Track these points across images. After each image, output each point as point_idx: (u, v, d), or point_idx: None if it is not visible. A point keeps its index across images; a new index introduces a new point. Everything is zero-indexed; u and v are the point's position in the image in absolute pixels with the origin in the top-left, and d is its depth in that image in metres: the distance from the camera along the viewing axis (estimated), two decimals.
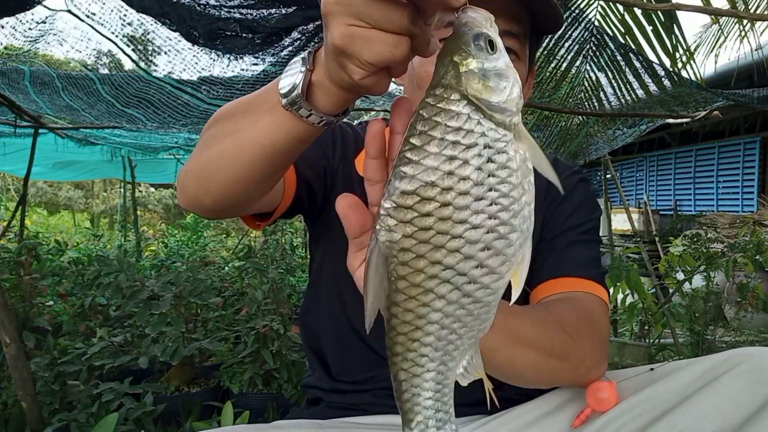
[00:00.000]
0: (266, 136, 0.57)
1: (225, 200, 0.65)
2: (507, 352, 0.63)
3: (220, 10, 2.16)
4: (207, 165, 0.64)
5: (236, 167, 0.60)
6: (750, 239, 3.46)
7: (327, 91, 0.51)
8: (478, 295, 0.40)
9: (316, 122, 0.54)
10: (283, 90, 0.52)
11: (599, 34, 2.50)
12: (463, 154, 0.38)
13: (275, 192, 0.77)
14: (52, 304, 2.88)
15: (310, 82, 0.52)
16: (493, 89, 0.39)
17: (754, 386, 0.65)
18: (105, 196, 16.43)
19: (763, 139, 6.95)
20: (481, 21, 0.42)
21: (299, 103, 0.52)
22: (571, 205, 0.90)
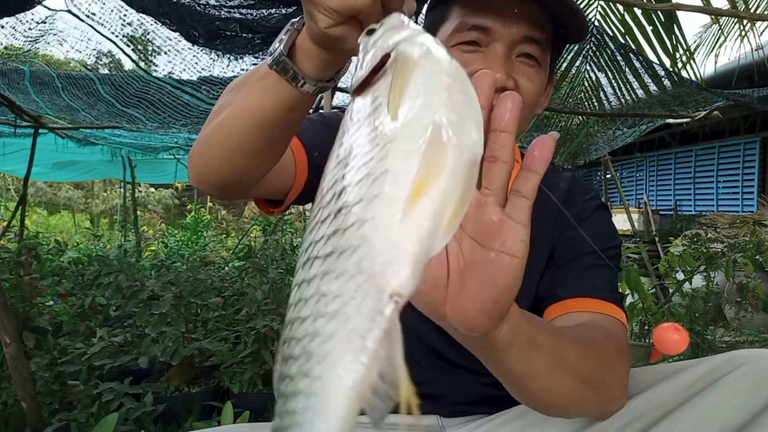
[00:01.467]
0: (258, 102, 0.58)
1: (226, 173, 0.66)
2: (548, 378, 0.56)
3: (220, 10, 2.16)
4: (208, 137, 0.65)
5: (232, 136, 0.62)
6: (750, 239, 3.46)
7: (308, 52, 0.52)
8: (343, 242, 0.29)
9: (301, 85, 0.55)
10: (270, 50, 0.54)
11: (599, 34, 2.51)
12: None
13: (285, 175, 0.78)
14: (52, 304, 2.88)
15: (295, 45, 0.53)
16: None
17: (756, 389, 0.65)
18: (105, 196, 16.44)
19: (763, 139, 6.95)
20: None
21: (283, 62, 0.53)
22: (592, 230, 0.87)
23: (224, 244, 6.76)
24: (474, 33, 0.78)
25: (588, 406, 0.65)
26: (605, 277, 0.82)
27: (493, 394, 0.87)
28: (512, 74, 0.78)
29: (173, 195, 15.91)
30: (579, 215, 0.89)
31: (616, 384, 0.67)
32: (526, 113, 0.82)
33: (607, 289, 0.81)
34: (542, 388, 0.57)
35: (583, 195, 0.93)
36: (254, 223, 6.35)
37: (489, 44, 0.78)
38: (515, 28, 0.77)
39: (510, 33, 0.77)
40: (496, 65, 0.77)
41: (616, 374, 0.66)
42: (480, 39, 0.78)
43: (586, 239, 0.84)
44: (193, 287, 2.34)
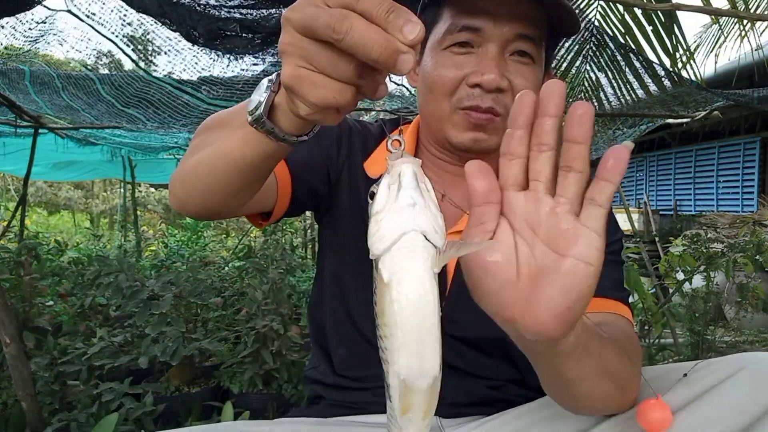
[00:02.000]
0: (238, 149, 0.58)
1: (206, 207, 0.67)
2: (593, 382, 0.58)
3: (220, 10, 2.16)
4: (188, 173, 0.66)
5: (212, 176, 0.63)
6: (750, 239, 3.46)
7: (286, 114, 0.53)
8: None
9: (280, 140, 0.55)
10: (250, 107, 0.54)
11: (599, 34, 2.51)
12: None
13: (265, 196, 0.78)
14: (52, 304, 2.88)
15: (274, 103, 0.53)
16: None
17: (758, 392, 0.64)
18: (105, 196, 16.43)
19: (763, 139, 6.95)
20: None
21: (263, 123, 0.54)
22: None
23: (224, 244, 6.76)
24: (465, 34, 0.78)
25: (614, 405, 0.67)
26: (612, 275, 0.82)
27: (493, 396, 0.88)
28: (506, 74, 0.78)
29: None
30: None
31: (636, 385, 0.68)
32: None
33: (615, 287, 0.80)
34: (587, 391, 0.59)
35: None
36: None
37: (481, 45, 0.78)
38: (506, 27, 0.76)
39: (501, 32, 0.76)
40: (489, 66, 0.76)
41: (636, 376, 0.68)
42: (472, 40, 0.78)
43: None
44: (193, 287, 2.34)
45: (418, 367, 0.41)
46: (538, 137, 0.45)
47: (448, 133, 0.83)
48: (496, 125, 0.80)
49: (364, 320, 0.89)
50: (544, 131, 0.45)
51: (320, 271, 0.99)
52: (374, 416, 0.86)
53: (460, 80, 0.79)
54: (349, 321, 0.91)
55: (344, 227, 0.92)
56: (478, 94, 0.78)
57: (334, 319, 0.94)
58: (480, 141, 0.81)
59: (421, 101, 0.87)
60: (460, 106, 0.80)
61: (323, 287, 0.96)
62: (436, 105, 0.83)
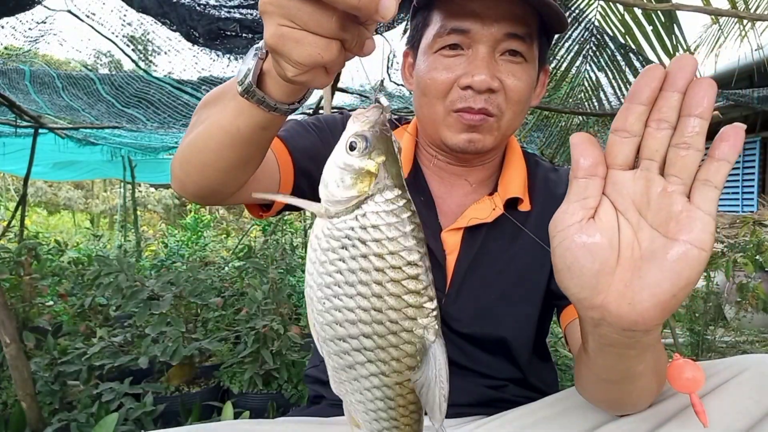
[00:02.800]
0: (231, 122, 0.58)
1: (204, 184, 0.66)
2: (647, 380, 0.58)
3: (220, 10, 2.16)
4: (185, 151, 0.66)
5: (206, 153, 0.62)
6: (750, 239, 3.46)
7: (275, 80, 0.53)
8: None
9: (272, 110, 0.55)
10: (239, 77, 0.54)
11: (599, 34, 2.51)
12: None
13: (268, 182, 0.78)
14: (52, 304, 2.88)
15: (263, 70, 0.53)
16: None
17: (759, 394, 0.64)
18: (105, 196, 16.43)
19: (763, 139, 6.95)
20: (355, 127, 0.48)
21: (252, 91, 0.54)
22: None
23: (224, 244, 6.75)
24: (454, 36, 0.78)
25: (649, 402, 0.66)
26: None
27: (494, 396, 0.88)
28: (497, 74, 0.78)
29: (173, 195, 15.90)
30: None
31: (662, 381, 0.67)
32: (518, 109, 0.82)
33: None
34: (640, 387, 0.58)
35: None
36: (254, 223, 6.35)
37: (471, 46, 0.78)
38: (495, 27, 0.76)
39: (490, 33, 0.77)
40: (479, 67, 0.76)
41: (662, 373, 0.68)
42: (461, 42, 0.78)
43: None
44: (193, 287, 2.34)
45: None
46: (660, 113, 0.42)
47: (443, 135, 0.83)
48: (490, 125, 0.80)
49: None
50: (670, 106, 0.42)
51: None
52: None
53: (451, 83, 0.79)
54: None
55: None
56: (470, 95, 0.78)
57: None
58: (475, 141, 0.81)
59: (416, 104, 0.87)
60: (453, 109, 0.80)
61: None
62: (430, 108, 0.83)
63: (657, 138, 0.43)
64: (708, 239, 0.41)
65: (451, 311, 0.85)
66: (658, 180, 0.43)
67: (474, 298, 0.86)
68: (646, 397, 0.63)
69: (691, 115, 0.41)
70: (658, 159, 0.43)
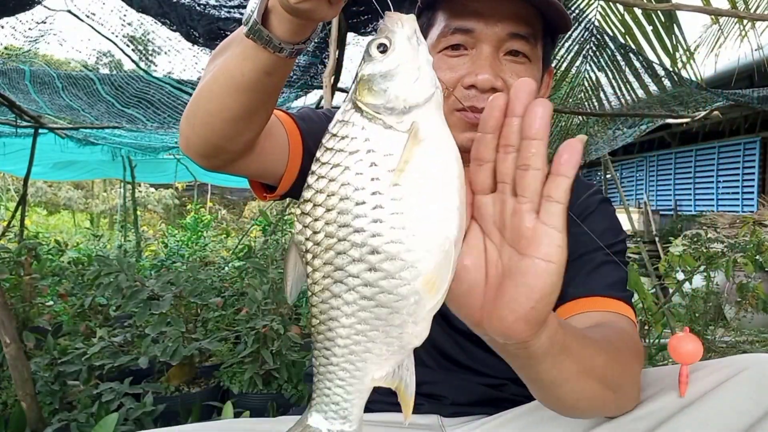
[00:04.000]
0: (236, 67, 0.60)
1: (208, 138, 0.67)
2: (575, 384, 0.57)
3: (220, 10, 2.16)
4: (192, 103, 0.67)
5: (212, 100, 0.63)
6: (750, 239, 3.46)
7: (280, 17, 0.54)
8: (381, 298, 0.40)
9: (277, 50, 0.56)
10: (245, 18, 0.55)
11: (599, 34, 2.51)
12: (347, 160, 0.40)
13: (276, 156, 0.78)
14: (52, 304, 2.89)
15: (268, 8, 0.54)
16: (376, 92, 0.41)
17: (758, 393, 0.64)
18: (105, 196, 16.43)
19: (763, 139, 6.95)
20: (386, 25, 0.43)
21: (258, 30, 0.55)
22: (597, 225, 0.87)
23: (224, 244, 6.75)
24: (458, 36, 0.78)
25: (607, 408, 0.66)
26: (615, 275, 0.81)
27: (494, 396, 0.87)
28: (500, 74, 0.78)
29: (173, 195, 15.90)
30: (584, 210, 0.89)
31: (633, 386, 0.67)
32: None
33: (617, 287, 0.80)
34: (570, 393, 0.58)
35: (586, 190, 0.92)
36: (254, 223, 6.35)
37: (475, 46, 0.78)
38: (498, 27, 0.77)
39: (494, 32, 0.77)
40: (482, 66, 0.77)
41: (633, 377, 0.67)
42: (465, 42, 0.78)
43: (592, 235, 0.83)
44: (193, 287, 2.34)
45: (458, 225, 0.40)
46: (505, 138, 0.44)
47: None
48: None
49: None
50: (512, 131, 0.44)
51: None
52: (377, 414, 0.86)
53: (455, 82, 0.79)
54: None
55: None
56: (473, 94, 0.78)
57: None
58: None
59: None
60: (456, 108, 0.80)
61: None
62: None
63: (506, 162, 0.45)
64: (555, 251, 0.43)
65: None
66: (511, 201, 0.46)
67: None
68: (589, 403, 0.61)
69: (527, 137, 0.43)
70: (509, 181, 0.45)
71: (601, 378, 0.60)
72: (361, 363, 0.44)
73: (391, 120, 0.40)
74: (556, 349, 0.51)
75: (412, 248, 0.39)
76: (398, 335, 0.42)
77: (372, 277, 0.40)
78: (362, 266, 0.40)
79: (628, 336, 0.73)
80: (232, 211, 16.75)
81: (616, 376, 0.63)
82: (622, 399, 0.66)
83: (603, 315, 0.76)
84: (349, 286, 0.41)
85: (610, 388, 0.62)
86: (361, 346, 0.43)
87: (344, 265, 0.40)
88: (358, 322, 0.42)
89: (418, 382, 0.99)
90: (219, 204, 16.45)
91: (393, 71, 0.41)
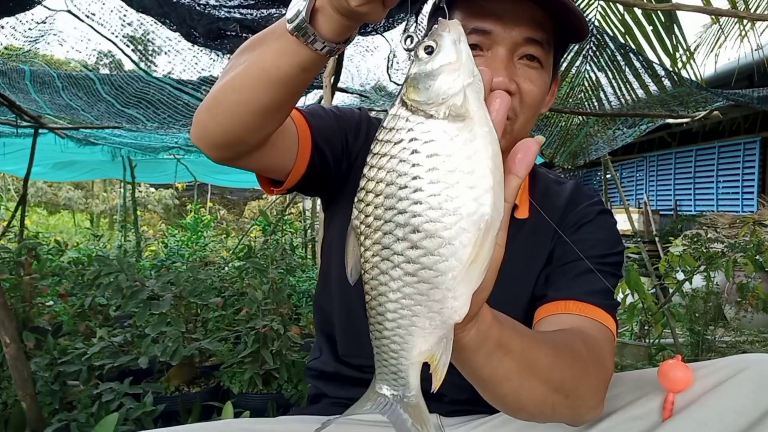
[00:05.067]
0: (272, 61, 0.61)
1: (230, 128, 0.68)
2: (517, 383, 0.57)
3: (220, 10, 2.16)
4: (218, 91, 0.68)
5: (243, 92, 0.64)
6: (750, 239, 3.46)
7: (329, 17, 0.56)
8: (422, 274, 0.44)
9: (319, 48, 0.58)
10: (290, 16, 0.57)
11: (599, 34, 2.51)
12: (393, 149, 0.44)
13: (286, 152, 0.79)
14: (52, 304, 2.88)
15: (314, 9, 0.56)
16: (420, 89, 0.45)
17: (758, 393, 0.65)
18: (105, 196, 16.43)
19: (763, 139, 6.95)
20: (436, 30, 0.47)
21: (304, 28, 0.57)
22: (591, 235, 0.87)
23: (224, 244, 6.75)
24: (475, 36, 0.78)
25: (558, 414, 0.64)
26: (600, 283, 0.80)
27: None
28: (515, 77, 0.78)
29: (173, 195, 15.91)
30: (580, 219, 0.89)
31: (590, 393, 0.65)
32: (531, 114, 0.82)
33: (600, 294, 0.79)
34: (510, 392, 0.58)
35: (586, 200, 0.92)
36: (254, 223, 6.35)
37: (491, 48, 0.78)
38: (516, 30, 0.77)
39: (511, 35, 0.77)
40: (498, 68, 0.77)
41: (591, 383, 0.65)
42: (481, 42, 0.78)
43: (584, 244, 0.83)
44: (193, 287, 2.34)
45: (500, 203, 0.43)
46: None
47: None
48: (506, 128, 0.81)
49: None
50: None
51: (326, 255, 0.98)
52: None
53: None
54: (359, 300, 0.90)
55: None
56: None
57: (342, 300, 0.93)
58: None
59: None
60: None
61: (330, 270, 0.96)
62: None
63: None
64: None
65: None
66: None
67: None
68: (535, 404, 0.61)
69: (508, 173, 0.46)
70: None
71: (548, 380, 0.59)
72: (408, 336, 0.47)
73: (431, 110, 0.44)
74: (491, 344, 0.53)
75: (449, 226, 0.43)
76: (439, 310, 0.45)
77: (414, 254, 0.44)
78: (405, 244, 0.44)
79: (596, 344, 0.71)
80: (232, 211, 16.76)
81: (567, 381, 0.61)
82: (576, 407, 0.64)
83: (577, 319, 0.76)
84: (394, 263, 0.45)
85: (559, 392, 0.61)
86: (407, 320, 0.46)
87: (390, 244, 0.45)
88: (404, 297, 0.46)
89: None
90: (219, 204, 16.46)
91: (437, 70, 0.45)
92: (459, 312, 0.45)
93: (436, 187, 0.43)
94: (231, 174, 8.38)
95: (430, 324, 0.46)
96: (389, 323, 0.47)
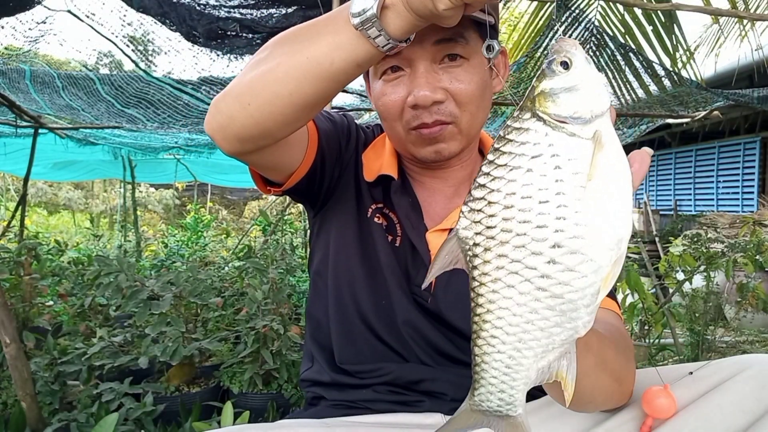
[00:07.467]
0: (326, 55, 0.60)
1: (259, 121, 0.65)
2: (594, 378, 0.59)
3: (220, 10, 2.16)
4: (253, 81, 0.65)
5: (287, 83, 0.62)
6: (750, 239, 3.46)
7: (400, 14, 0.56)
8: (556, 290, 0.44)
9: (382, 45, 0.58)
10: (356, 10, 0.56)
11: (599, 34, 2.51)
12: (529, 163, 0.44)
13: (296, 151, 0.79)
14: (52, 304, 2.88)
15: (383, 5, 0.56)
16: (561, 103, 0.44)
17: (760, 393, 0.65)
18: (105, 196, 16.43)
19: (763, 139, 6.94)
20: (563, 47, 0.46)
21: (372, 24, 0.56)
22: None
23: (224, 244, 6.75)
24: (390, 59, 0.79)
25: (614, 400, 0.68)
26: None
27: None
28: (438, 84, 0.78)
29: (173, 195, 15.90)
30: None
31: (632, 378, 0.69)
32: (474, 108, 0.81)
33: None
34: (587, 386, 0.59)
35: None
36: (254, 223, 6.35)
37: (410, 65, 0.79)
38: (425, 41, 0.76)
39: (421, 47, 0.76)
40: (419, 84, 0.77)
41: (632, 368, 0.69)
42: (400, 63, 0.79)
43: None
44: (193, 287, 2.34)
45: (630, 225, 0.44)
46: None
47: (411, 150, 0.85)
48: (450, 132, 0.81)
49: (369, 309, 0.89)
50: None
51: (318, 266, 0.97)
52: (376, 416, 0.86)
53: (401, 104, 0.80)
54: (356, 310, 0.90)
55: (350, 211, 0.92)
56: (420, 112, 0.79)
57: (338, 309, 0.92)
58: (441, 151, 0.83)
59: (383, 126, 0.89)
60: (410, 127, 0.81)
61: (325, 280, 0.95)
62: (392, 130, 0.85)
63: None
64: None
65: (441, 307, 0.86)
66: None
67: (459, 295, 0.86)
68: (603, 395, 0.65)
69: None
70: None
71: (612, 371, 0.62)
72: (528, 351, 0.46)
73: (575, 129, 0.44)
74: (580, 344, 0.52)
75: (593, 244, 0.43)
76: (572, 326, 0.45)
77: (551, 269, 0.43)
78: (541, 259, 0.43)
79: (620, 330, 0.75)
80: (232, 211, 16.75)
81: (623, 368, 0.65)
82: (624, 392, 0.68)
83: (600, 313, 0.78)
84: (524, 278, 0.44)
85: (617, 381, 0.64)
86: (530, 335, 0.45)
87: (522, 258, 0.44)
88: (530, 311, 0.45)
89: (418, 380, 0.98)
90: (219, 204, 16.45)
91: (578, 85, 0.44)
92: (587, 327, 0.45)
93: (581, 204, 0.43)
94: (231, 174, 8.38)
95: (558, 339, 0.46)
96: (508, 337, 0.46)
